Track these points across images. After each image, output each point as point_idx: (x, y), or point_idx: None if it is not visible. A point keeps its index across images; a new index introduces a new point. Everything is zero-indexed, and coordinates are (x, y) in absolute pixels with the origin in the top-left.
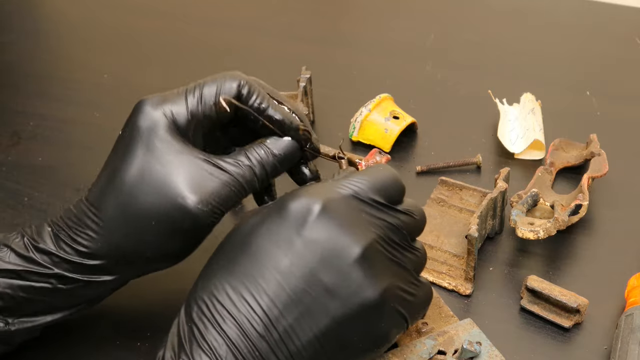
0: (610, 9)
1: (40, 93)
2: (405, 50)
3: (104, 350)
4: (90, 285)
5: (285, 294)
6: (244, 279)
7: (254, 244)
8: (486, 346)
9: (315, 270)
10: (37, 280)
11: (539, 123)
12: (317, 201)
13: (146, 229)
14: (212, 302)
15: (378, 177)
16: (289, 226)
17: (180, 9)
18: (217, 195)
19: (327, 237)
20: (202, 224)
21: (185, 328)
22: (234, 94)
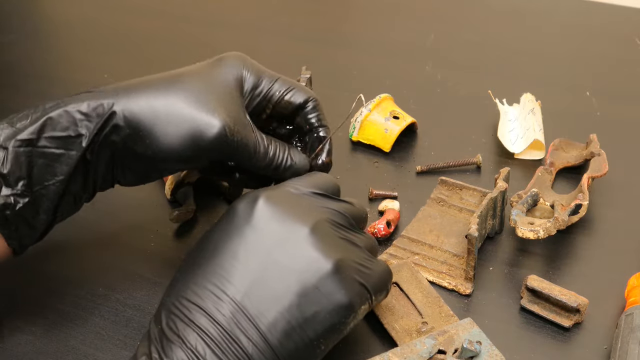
0: (610, 9)
1: (40, 93)
2: (405, 50)
3: (104, 348)
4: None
5: (247, 278)
6: (207, 275)
7: (211, 245)
8: (486, 345)
9: (270, 252)
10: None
11: (539, 123)
12: (258, 195)
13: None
14: (179, 301)
15: (313, 177)
16: (238, 221)
17: (180, 9)
18: (241, 132)
19: (276, 222)
20: (219, 139)
21: (155, 330)
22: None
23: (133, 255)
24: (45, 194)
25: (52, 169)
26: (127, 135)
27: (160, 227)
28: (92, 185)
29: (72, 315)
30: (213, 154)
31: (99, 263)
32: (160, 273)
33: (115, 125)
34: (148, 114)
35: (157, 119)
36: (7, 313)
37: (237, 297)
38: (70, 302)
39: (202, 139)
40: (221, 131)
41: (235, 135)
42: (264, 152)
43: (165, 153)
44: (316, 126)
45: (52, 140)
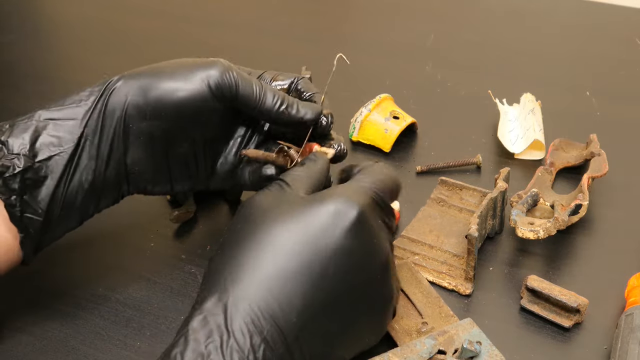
0: (610, 9)
1: (40, 93)
2: (405, 50)
3: (104, 348)
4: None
5: (321, 294)
6: (279, 277)
7: (284, 245)
8: (486, 346)
9: (349, 275)
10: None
11: (539, 123)
12: (355, 205)
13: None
14: (248, 306)
15: (388, 181)
16: (327, 229)
17: (180, 9)
18: (241, 75)
19: (362, 247)
20: (221, 73)
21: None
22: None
23: (133, 255)
24: (48, 165)
25: (56, 139)
26: (126, 94)
27: (160, 227)
28: (100, 167)
29: (72, 315)
30: (218, 92)
31: (99, 263)
32: (160, 273)
33: (114, 89)
34: (150, 71)
35: (160, 71)
36: (7, 313)
37: (307, 314)
38: (70, 302)
39: (205, 76)
40: (219, 63)
41: (234, 69)
42: (271, 93)
43: (169, 97)
44: (306, 97)
45: (55, 112)
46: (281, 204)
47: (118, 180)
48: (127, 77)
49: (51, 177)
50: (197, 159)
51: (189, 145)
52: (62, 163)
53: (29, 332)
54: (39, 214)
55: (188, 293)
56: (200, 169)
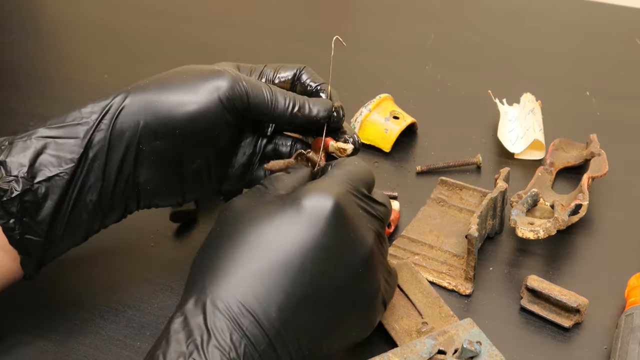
0: (610, 9)
1: (40, 93)
2: (405, 50)
3: (104, 348)
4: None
5: (300, 289)
6: (257, 274)
7: (260, 243)
8: (486, 346)
9: (328, 269)
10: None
11: (539, 123)
12: (329, 198)
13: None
14: (226, 305)
15: (360, 172)
16: (302, 224)
17: (180, 9)
18: (251, 83)
19: (340, 240)
20: (230, 84)
21: (203, 328)
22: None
23: (133, 255)
24: (48, 187)
25: (56, 159)
26: (136, 114)
27: (160, 227)
28: (106, 188)
29: (72, 315)
30: (229, 105)
31: (99, 263)
32: (160, 273)
33: (122, 108)
34: (156, 86)
35: (167, 86)
36: (7, 313)
37: (287, 308)
38: (70, 302)
39: (215, 89)
40: (227, 74)
41: (242, 79)
42: (282, 96)
43: (180, 115)
44: (314, 89)
45: (55, 130)
46: (258, 204)
47: (126, 199)
48: (133, 93)
49: (51, 197)
50: (209, 170)
51: (203, 160)
52: (63, 184)
53: (29, 332)
54: (40, 235)
55: None
56: (212, 179)
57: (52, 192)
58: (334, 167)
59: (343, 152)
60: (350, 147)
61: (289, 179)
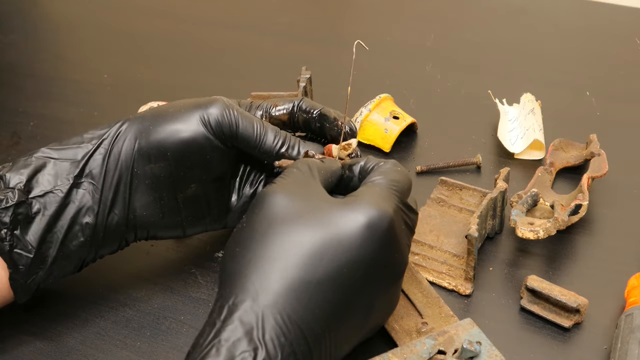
0: (610, 9)
1: (40, 93)
2: (405, 50)
3: (104, 348)
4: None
5: (345, 303)
6: (308, 287)
7: (313, 252)
8: (486, 346)
9: (371, 283)
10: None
11: (538, 123)
12: (386, 216)
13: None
14: (280, 317)
15: (404, 181)
16: (356, 239)
17: (180, 9)
18: (242, 114)
19: (387, 257)
20: (220, 111)
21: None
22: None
23: (133, 255)
24: (42, 203)
25: (53, 177)
26: (132, 139)
27: None
28: (102, 211)
29: (72, 315)
30: (218, 130)
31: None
32: (160, 273)
33: (120, 133)
34: (153, 114)
35: (162, 114)
36: (8, 313)
37: (325, 322)
38: (70, 302)
39: (205, 114)
40: (220, 102)
41: (234, 108)
42: (272, 133)
43: (171, 138)
44: (315, 115)
45: (56, 151)
46: (306, 204)
47: (123, 226)
48: (131, 121)
49: (44, 213)
50: (207, 199)
51: (197, 185)
52: (56, 201)
53: (28, 332)
54: (29, 250)
55: (188, 293)
56: (212, 209)
57: (45, 209)
58: (376, 172)
59: (348, 148)
60: (353, 141)
61: (321, 166)
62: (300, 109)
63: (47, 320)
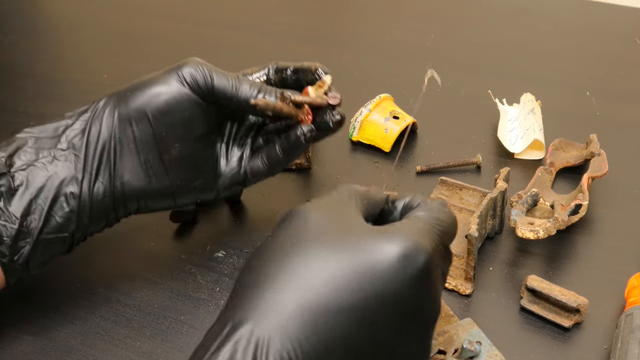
0: (610, 9)
1: (40, 93)
2: (405, 50)
3: (104, 348)
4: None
5: (363, 342)
6: (321, 316)
7: (338, 277)
8: (486, 346)
9: (395, 327)
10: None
11: (538, 123)
12: (424, 254)
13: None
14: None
15: (450, 223)
16: (386, 274)
17: (180, 9)
18: (215, 69)
19: (419, 300)
20: (193, 67)
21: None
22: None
23: (133, 255)
24: (25, 176)
25: (35, 151)
26: (112, 110)
27: (160, 227)
28: (87, 181)
29: (72, 315)
30: (194, 84)
31: (99, 263)
32: (160, 273)
33: (99, 108)
34: (130, 85)
35: (138, 83)
36: (7, 313)
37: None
38: (70, 302)
39: (179, 72)
40: (192, 60)
41: (207, 65)
42: (247, 83)
43: (149, 98)
44: (290, 69)
45: (37, 128)
46: (339, 226)
47: (110, 196)
48: (110, 95)
49: (27, 185)
50: (194, 160)
51: (181, 145)
52: (39, 173)
53: (29, 332)
54: (13, 222)
55: (188, 293)
56: (200, 172)
57: (28, 181)
58: (421, 208)
59: (323, 85)
60: (327, 77)
61: (367, 198)
62: (276, 70)
63: (47, 320)
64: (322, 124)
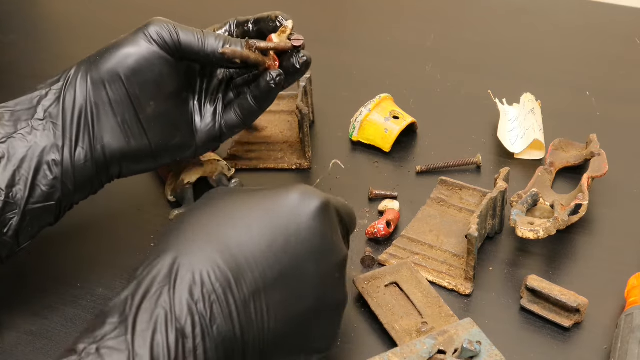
0: (610, 9)
1: None
2: (405, 50)
3: None
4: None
5: (278, 269)
6: (242, 245)
7: (249, 216)
8: (486, 345)
9: (308, 259)
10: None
11: (538, 123)
12: (319, 197)
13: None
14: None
15: (344, 205)
16: (292, 211)
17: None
18: (180, 25)
19: (322, 236)
20: (158, 25)
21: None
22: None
23: (133, 255)
24: (5, 149)
25: (12, 124)
26: (84, 75)
27: (160, 227)
28: (68, 147)
29: (71, 315)
30: (161, 41)
31: (99, 263)
32: None
33: (70, 76)
34: (98, 51)
35: (107, 46)
36: (7, 313)
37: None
38: (70, 302)
39: (146, 30)
40: (157, 19)
41: (172, 22)
42: (212, 36)
43: (118, 59)
44: (250, 21)
45: (11, 103)
46: (247, 190)
47: (91, 160)
48: (79, 63)
49: (8, 158)
50: (170, 118)
51: (155, 103)
52: (19, 144)
53: (28, 332)
54: None
55: None
56: (177, 130)
57: (9, 153)
58: None
59: (286, 30)
60: (289, 22)
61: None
62: (237, 25)
63: (47, 320)
64: (289, 67)
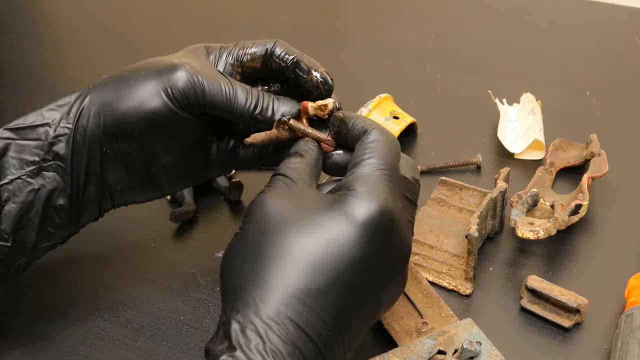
0: (610, 9)
1: (40, 93)
2: (405, 50)
3: (104, 348)
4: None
5: (350, 303)
6: (309, 293)
7: (310, 258)
8: (486, 346)
9: (375, 277)
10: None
11: (539, 123)
12: (377, 206)
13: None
14: (279, 323)
15: (389, 148)
16: (353, 238)
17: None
18: (208, 78)
19: (387, 246)
20: (184, 78)
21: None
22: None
23: (133, 255)
24: (11, 190)
25: (18, 162)
26: (96, 115)
27: (160, 227)
28: (76, 191)
29: (71, 315)
30: (184, 101)
31: (99, 263)
32: (160, 273)
33: (83, 109)
34: (114, 84)
35: (123, 85)
36: (7, 313)
37: (337, 322)
38: (70, 302)
39: (168, 86)
40: (183, 69)
41: (200, 73)
42: (243, 95)
43: (137, 116)
44: (289, 63)
45: (17, 131)
46: (297, 208)
47: (99, 200)
48: (93, 93)
49: (14, 200)
50: (183, 165)
51: (169, 156)
52: (26, 187)
53: (28, 332)
54: (5, 239)
55: (188, 293)
56: (190, 172)
57: (15, 195)
58: (360, 149)
59: (325, 109)
60: (330, 101)
61: (303, 165)
62: (273, 54)
63: (47, 320)
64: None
